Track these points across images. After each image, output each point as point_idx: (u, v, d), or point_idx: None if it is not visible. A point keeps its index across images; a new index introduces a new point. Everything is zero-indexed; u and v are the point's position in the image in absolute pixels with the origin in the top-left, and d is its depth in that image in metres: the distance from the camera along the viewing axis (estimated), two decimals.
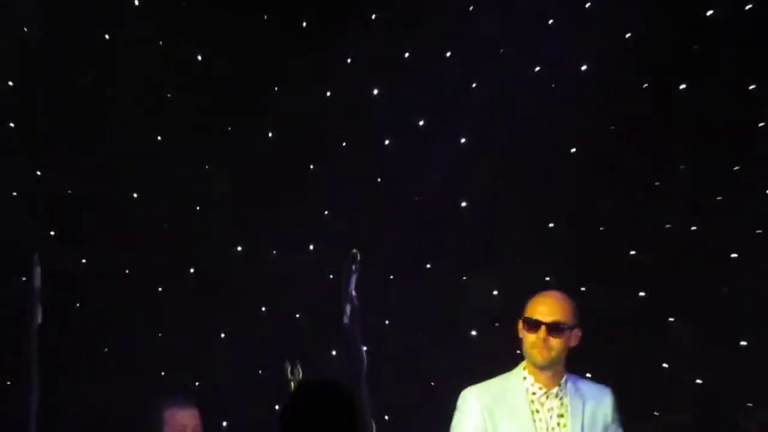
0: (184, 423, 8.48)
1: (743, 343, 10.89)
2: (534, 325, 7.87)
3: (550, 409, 8.00)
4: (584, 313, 8.52)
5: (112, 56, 10.88)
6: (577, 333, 7.96)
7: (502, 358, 8.97)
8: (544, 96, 11.05)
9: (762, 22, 11.31)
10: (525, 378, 7.96)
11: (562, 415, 8.02)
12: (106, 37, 10.89)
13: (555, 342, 7.85)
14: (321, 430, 5.70)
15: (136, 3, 11.01)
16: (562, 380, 7.99)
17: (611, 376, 9.41)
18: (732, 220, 10.96)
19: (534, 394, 7.98)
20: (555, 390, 7.97)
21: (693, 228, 11.02)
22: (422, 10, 11.00)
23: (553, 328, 7.85)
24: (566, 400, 8.01)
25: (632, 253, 11.09)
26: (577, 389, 8.04)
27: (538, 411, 7.98)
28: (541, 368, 7.91)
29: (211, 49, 11.07)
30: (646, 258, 10.88)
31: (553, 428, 7.98)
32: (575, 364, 8.86)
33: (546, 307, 7.97)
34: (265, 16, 11.11)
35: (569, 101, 11.04)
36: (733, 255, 11.01)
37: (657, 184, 11.17)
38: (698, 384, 10.92)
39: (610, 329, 10.72)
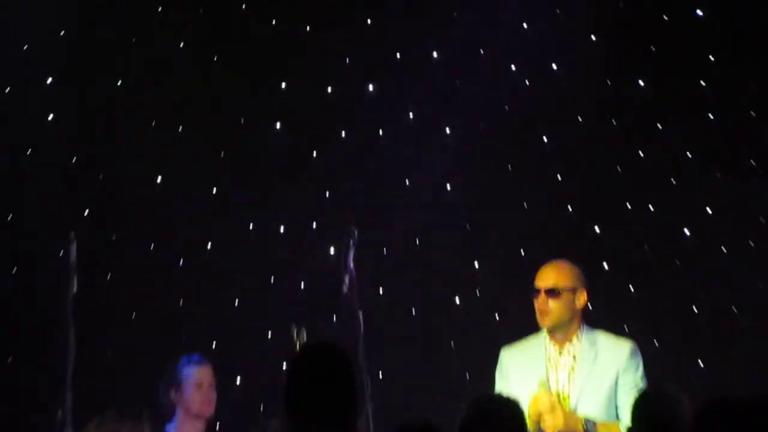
0: (201, 379, 8.42)
1: None
2: (535, 292, 7.90)
3: (564, 365, 7.95)
4: None
5: (137, 49, 10.79)
6: (580, 295, 7.94)
7: (487, 324, 9.02)
8: (523, 88, 10.97)
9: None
10: (545, 338, 7.95)
11: (573, 368, 7.97)
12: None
13: (554, 305, 7.85)
14: (322, 387, 5.67)
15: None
16: (575, 336, 7.97)
17: None
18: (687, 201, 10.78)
19: (550, 352, 7.96)
20: (567, 346, 7.96)
21: (651, 207, 10.89)
22: (414, 13, 10.89)
23: (550, 293, 7.84)
24: (579, 355, 7.97)
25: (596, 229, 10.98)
26: (592, 344, 7.99)
27: (555, 368, 7.95)
28: (549, 330, 7.92)
29: (225, 45, 10.94)
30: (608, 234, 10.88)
31: (558, 377, 7.93)
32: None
33: (544, 274, 7.98)
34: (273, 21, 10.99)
35: (547, 94, 10.94)
36: (686, 231, 10.91)
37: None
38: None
39: None
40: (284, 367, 5.96)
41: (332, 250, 9.38)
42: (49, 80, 10.58)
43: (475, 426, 6.01)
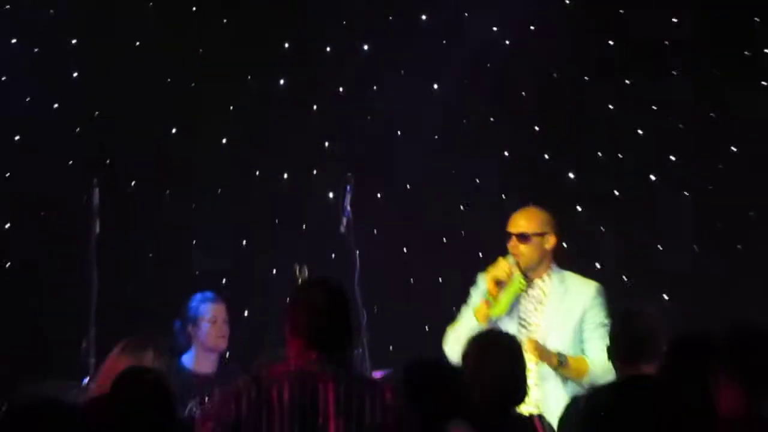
0: (215, 316, 8.45)
1: None
2: (508, 237, 7.91)
3: (533, 297, 7.94)
4: None
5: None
6: (549, 238, 7.95)
7: (471, 262, 9.02)
8: (504, 48, 10.90)
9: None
10: (521, 271, 7.89)
11: (541, 302, 7.95)
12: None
13: (524, 249, 7.85)
14: (320, 318, 5.68)
15: None
16: (546, 274, 7.95)
17: None
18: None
19: (524, 283, 7.92)
20: (537, 281, 7.94)
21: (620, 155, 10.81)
22: None
23: (521, 237, 7.86)
24: (548, 291, 7.94)
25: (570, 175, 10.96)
26: (561, 282, 8.00)
27: (523, 299, 7.92)
28: (523, 269, 7.88)
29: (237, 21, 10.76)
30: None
31: (531, 311, 7.89)
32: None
33: (515, 221, 7.97)
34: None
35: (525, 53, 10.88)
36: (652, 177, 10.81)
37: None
38: None
39: None
40: (287, 300, 5.81)
41: (331, 195, 9.37)
42: (74, 41, 10.44)
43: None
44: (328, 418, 5.43)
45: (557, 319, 7.85)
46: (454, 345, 7.70)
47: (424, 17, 10.94)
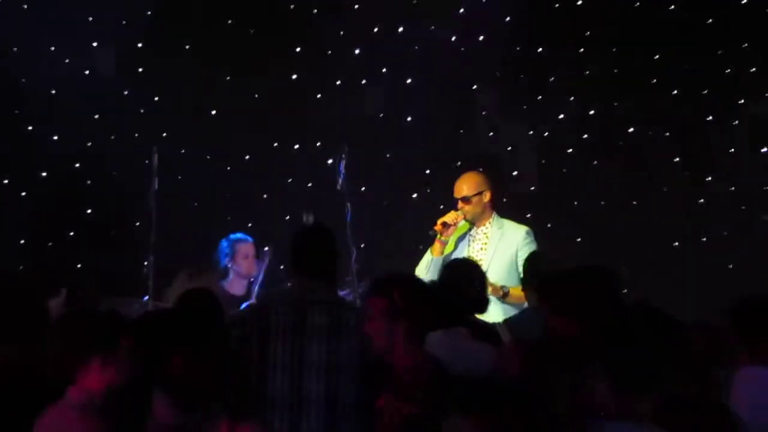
0: (247, 251, 8.43)
1: None
2: (455, 201, 7.91)
3: (478, 240, 7.90)
4: None
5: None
6: (486, 195, 7.90)
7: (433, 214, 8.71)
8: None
9: None
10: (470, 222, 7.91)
11: (485, 243, 7.89)
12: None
13: (468, 208, 7.83)
14: (313, 252, 5.70)
15: None
16: (488, 222, 7.90)
17: None
18: None
19: (472, 231, 7.93)
20: (482, 228, 7.90)
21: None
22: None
23: (463, 200, 7.86)
24: (490, 234, 7.89)
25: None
26: (500, 227, 7.91)
27: (473, 240, 7.90)
28: (470, 220, 7.88)
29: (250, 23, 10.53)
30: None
31: (477, 251, 7.84)
32: None
33: (457, 187, 7.95)
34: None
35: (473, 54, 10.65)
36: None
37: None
38: None
39: None
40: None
41: (330, 161, 9.16)
42: (140, 45, 10.12)
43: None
44: (313, 337, 5.35)
45: (496, 256, 7.78)
46: (421, 273, 7.66)
47: (401, 29, 10.66)
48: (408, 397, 4.65)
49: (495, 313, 7.23)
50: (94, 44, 9.96)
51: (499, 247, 7.85)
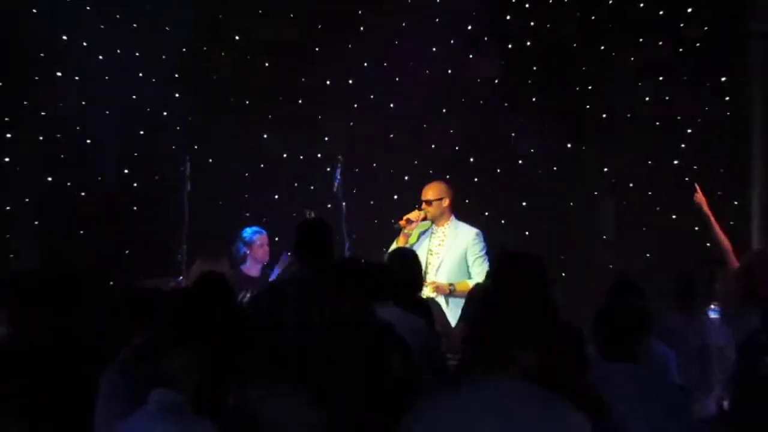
0: (261, 241, 8.37)
1: None
2: (420, 202, 7.87)
3: (437, 237, 7.80)
4: None
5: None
6: (446, 200, 7.80)
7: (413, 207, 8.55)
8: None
9: None
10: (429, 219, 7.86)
11: (442, 240, 7.79)
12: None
13: (429, 209, 7.76)
14: (312, 242, 5.75)
15: None
16: (446, 224, 7.80)
17: None
18: None
19: (433, 229, 7.82)
20: (441, 228, 7.80)
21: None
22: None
23: (426, 203, 7.79)
24: (446, 233, 7.78)
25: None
26: (455, 228, 7.80)
27: (434, 236, 7.78)
28: (431, 219, 7.81)
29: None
30: None
31: (436, 246, 7.74)
32: None
33: (423, 192, 7.88)
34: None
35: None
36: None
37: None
38: None
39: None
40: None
41: (328, 169, 8.97)
42: (176, 76, 9.94)
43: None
44: (310, 307, 5.28)
45: (450, 251, 7.71)
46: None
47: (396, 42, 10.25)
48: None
49: (445, 304, 7.29)
50: (140, 74, 9.91)
51: (453, 244, 7.74)
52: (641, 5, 10.21)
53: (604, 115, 10.33)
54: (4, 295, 4.69)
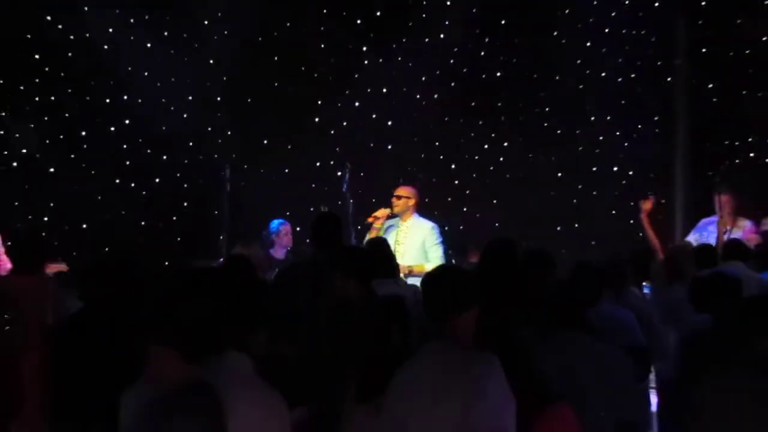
0: (286, 231, 8.26)
1: None
2: (392, 196, 7.65)
3: (402, 230, 7.52)
4: None
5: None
6: (411, 200, 7.53)
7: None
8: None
9: None
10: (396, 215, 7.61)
11: (407, 232, 7.53)
12: None
13: (398, 203, 7.51)
14: (325, 231, 5.73)
15: None
16: (410, 218, 7.52)
17: None
18: None
19: (400, 222, 7.55)
20: (406, 221, 7.53)
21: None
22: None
23: (396, 197, 7.55)
24: (409, 226, 7.52)
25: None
26: (417, 222, 7.54)
27: (398, 230, 7.52)
28: (397, 214, 7.55)
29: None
30: None
31: (402, 237, 7.45)
32: None
33: (397, 190, 7.67)
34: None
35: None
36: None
37: None
38: None
39: None
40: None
41: (339, 173, 8.83)
42: (218, 99, 9.88)
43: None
44: (322, 283, 5.11)
45: (411, 241, 7.48)
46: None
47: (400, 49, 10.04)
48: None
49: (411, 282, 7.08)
50: (190, 98, 9.85)
51: (414, 235, 7.55)
52: (588, 44, 10.21)
53: (558, 131, 10.38)
54: (77, 278, 4.90)
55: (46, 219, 9.45)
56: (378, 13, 10.17)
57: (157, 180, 9.97)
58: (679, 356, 5.01)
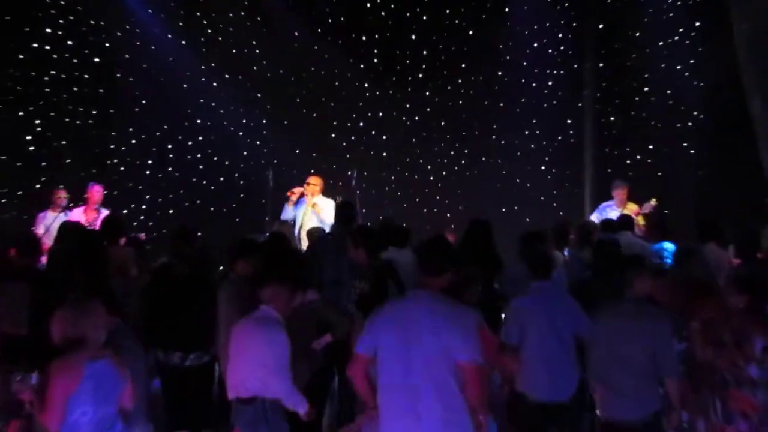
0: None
1: None
2: (306, 185, 7.22)
3: (309, 204, 7.05)
4: None
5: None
6: (318, 186, 7.10)
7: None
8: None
9: None
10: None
11: (312, 207, 7.09)
12: None
13: (308, 187, 7.05)
14: (344, 214, 5.66)
15: None
16: (317, 197, 7.08)
17: None
18: None
19: (307, 200, 7.09)
20: (313, 199, 7.09)
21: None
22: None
23: (307, 184, 7.07)
24: (320, 205, 7.04)
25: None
26: (321, 200, 7.13)
27: (306, 205, 7.03)
28: (311, 195, 7.13)
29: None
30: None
31: (309, 210, 7.02)
32: None
33: (311, 179, 7.13)
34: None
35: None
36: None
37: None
38: None
39: None
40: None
41: (349, 173, 8.44)
42: (257, 112, 9.73)
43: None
44: (341, 252, 4.97)
45: (313, 213, 7.12)
46: (284, 215, 7.22)
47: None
48: (363, 277, 4.69)
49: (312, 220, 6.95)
50: (244, 121, 9.63)
51: (323, 210, 7.17)
52: (522, 80, 10.01)
53: (494, 137, 10.20)
54: (171, 240, 5.15)
55: (144, 207, 9.54)
56: (375, 60, 10.18)
57: (222, 178, 9.97)
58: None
